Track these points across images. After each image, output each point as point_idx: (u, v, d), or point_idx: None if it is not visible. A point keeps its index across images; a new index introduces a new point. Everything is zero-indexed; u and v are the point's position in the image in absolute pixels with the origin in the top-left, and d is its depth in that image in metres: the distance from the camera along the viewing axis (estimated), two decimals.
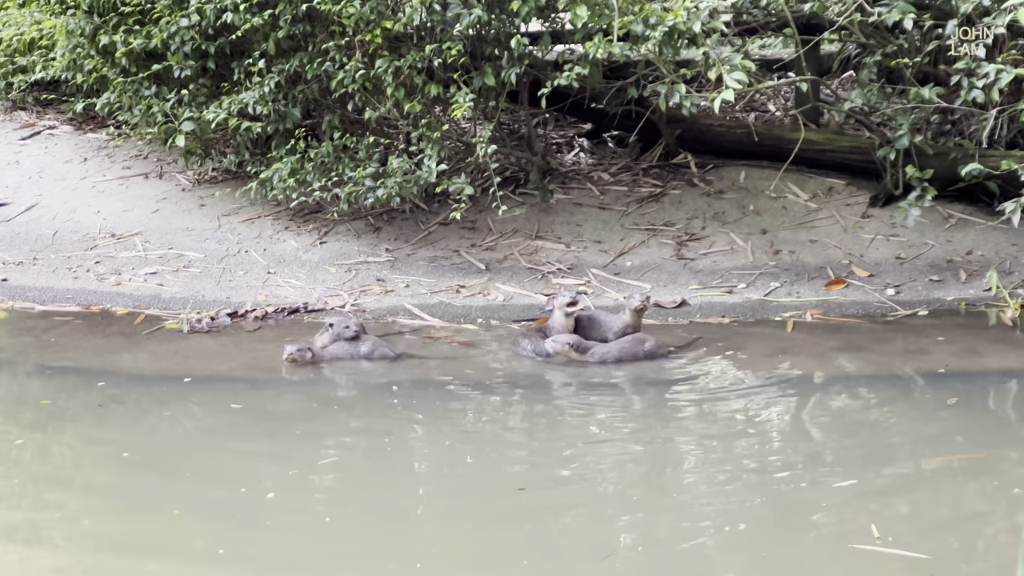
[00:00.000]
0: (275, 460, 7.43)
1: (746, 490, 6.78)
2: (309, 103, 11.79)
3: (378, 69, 10.61)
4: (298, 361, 9.03)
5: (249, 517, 6.56)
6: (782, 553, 6.04)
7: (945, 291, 10.29)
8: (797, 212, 11.58)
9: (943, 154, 10.65)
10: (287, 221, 11.95)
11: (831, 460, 7.20)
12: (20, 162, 13.93)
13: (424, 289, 10.69)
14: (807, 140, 10.98)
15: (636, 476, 7.07)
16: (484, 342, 9.67)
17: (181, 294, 10.85)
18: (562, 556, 6.07)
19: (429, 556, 6.11)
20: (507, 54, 10.62)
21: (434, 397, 8.46)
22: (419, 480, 7.18)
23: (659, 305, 10.21)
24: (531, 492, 6.77)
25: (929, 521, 6.40)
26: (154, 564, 6.08)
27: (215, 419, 8.21)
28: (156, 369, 9.18)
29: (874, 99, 10.68)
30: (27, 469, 7.43)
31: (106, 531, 6.53)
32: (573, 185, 12.30)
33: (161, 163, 13.42)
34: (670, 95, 9.63)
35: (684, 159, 12.48)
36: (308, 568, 6.01)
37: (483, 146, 10.21)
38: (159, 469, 7.29)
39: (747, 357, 9.12)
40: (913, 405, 8.26)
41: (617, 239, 11.36)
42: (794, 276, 10.63)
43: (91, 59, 12.32)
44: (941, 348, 9.14)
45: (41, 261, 11.76)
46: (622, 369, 8.92)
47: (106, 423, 8.13)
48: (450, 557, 6.11)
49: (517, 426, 8.01)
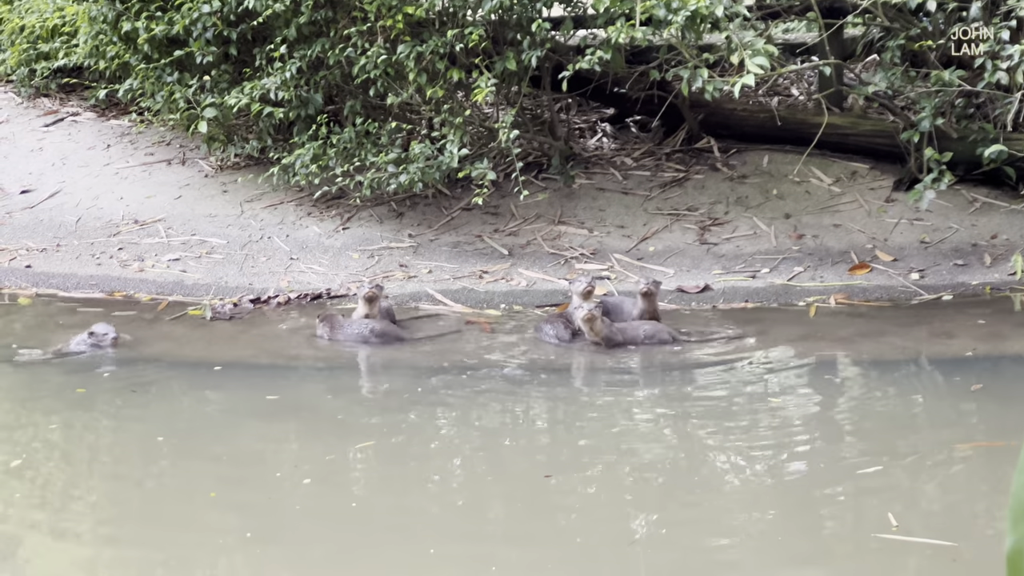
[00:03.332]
0: (309, 445, 7.47)
1: (769, 476, 6.77)
2: (331, 89, 11.80)
3: (400, 55, 10.61)
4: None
5: (286, 501, 6.59)
6: (804, 541, 6.02)
7: (970, 275, 10.25)
8: (820, 196, 11.54)
9: (967, 137, 10.59)
10: (309, 207, 11.95)
11: (854, 446, 7.18)
12: (43, 149, 13.97)
13: (447, 275, 10.68)
14: (830, 124, 10.93)
15: (659, 462, 7.07)
16: (509, 328, 9.67)
17: (204, 280, 10.87)
18: (587, 542, 6.06)
19: (456, 541, 6.12)
20: (528, 39, 10.60)
21: (460, 383, 8.46)
22: (447, 467, 7.18)
23: (682, 290, 10.20)
24: (557, 479, 6.76)
25: (953, 508, 6.38)
26: (189, 539, 6.13)
27: (245, 404, 8.22)
28: (182, 355, 9.20)
29: (898, 82, 10.63)
30: (63, 451, 7.48)
31: (144, 511, 6.59)
32: (596, 170, 12.28)
33: (184, 149, 13.44)
34: (693, 80, 9.59)
35: (707, 144, 12.44)
36: (342, 551, 6.02)
37: (505, 131, 10.21)
38: (194, 453, 7.34)
39: (770, 342, 9.10)
40: (937, 390, 8.24)
41: (640, 224, 11.34)
42: (817, 261, 10.60)
43: (113, 45, 12.34)
44: (966, 333, 9.09)
45: (65, 248, 11.80)
46: (644, 354, 8.91)
47: (139, 408, 8.15)
48: (476, 542, 6.10)
49: (542, 412, 8.01)
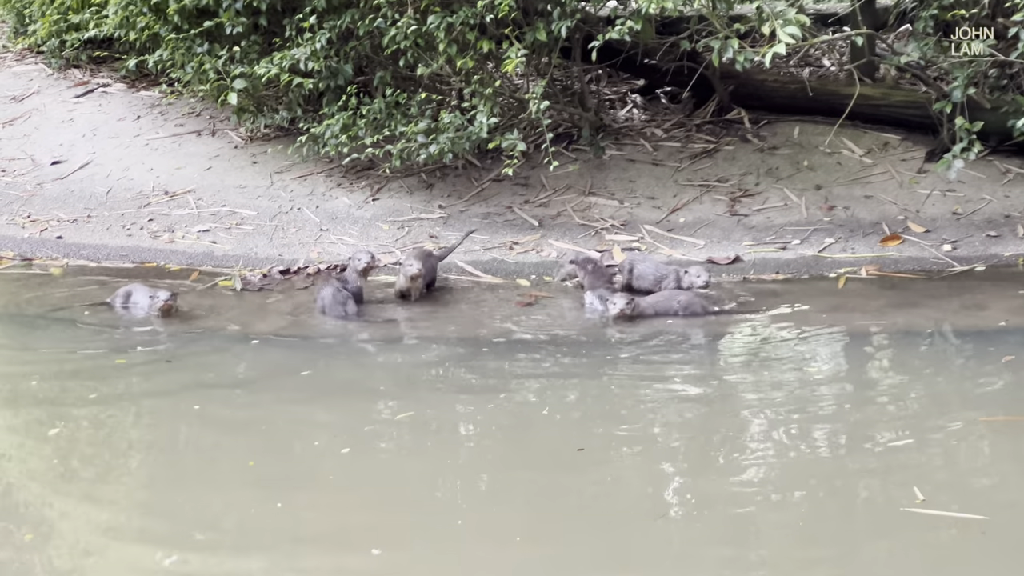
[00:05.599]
0: (345, 415, 7.47)
1: (798, 449, 6.75)
2: (361, 59, 11.77)
3: (430, 25, 10.57)
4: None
5: (326, 470, 6.66)
6: (833, 516, 6.02)
7: (1002, 246, 10.20)
8: (852, 168, 11.48)
9: (1000, 108, 10.51)
10: (339, 178, 11.95)
11: (885, 418, 7.14)
12: (74, 120, 14.00)
13: (477, 246, 10.67)
14: (862, 95, 10.87)
15: (690, 436, 7.05)
16: (550, 299, 9.68)
17: (234, 251, 10.89)
18: (616, 516, 6.06)
19: (488, 513, 6.15)
20: (559, 9, 10.55)
21: (492, 354, 8.49)
22: (481, 438, 7.20)
23: (712, 261, 10.17)
24: (588, 450, 6.77)
25: (983, 481, 6.36)
26: (225, 507, 6.22)
27: (281, 375, 8.23)
28: (216, 326, 9.24)
29: (930, 53, 10.55)
30: (100, 420, 7.52)
31: (181, 480, 6.66)
32: (626, 141, 12.24)
33: (214, 120, 13.45)
34: (723, 50, 9.54)
35: (737, 115, 12.39)
36: (376, 523, 6.06)
37: (536, 102, 10.17)
38: (230, 423, 7.39)
39: (801, 314, 9.07)
40: (969, 362, 8.20)
41: (670, 195, 11.31)
42: (849, 232, 10.55)
43: (143, 16, 12.33)
44: (998, 304, 9.04)
45: (95, 219, 11.83)
46: (677, 325, 8.90)
47: (175, 378, 8.18)
48: (506, 515, 6.12)
49: (574, 384, 7.97)
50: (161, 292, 9.36)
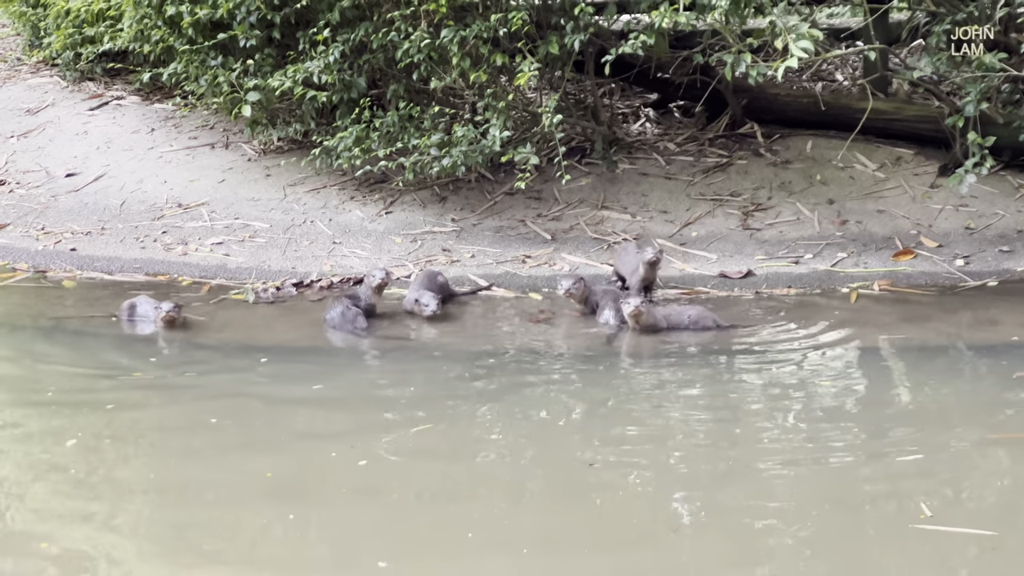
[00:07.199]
0: (362, 428, 7.47)
1: (809, 464, 6.74)
2: (374, 72, 11.80)
3: (443, 39, 10.60)
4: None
5: (344, 481, 6.68)
6: (844, 530, 6.00)
7: (1015, 262, 10.20)
8: (864, 182, 11.48)
9: (1012, 123, 10.51)
10: (352, 191, 11.97)
11: (896, 433, 7.13)
12: (88, 132, 14.04)
13: (490, 259, 10.69)
14: (875, 109, 10.89)
15: (702, 449, 7.04)
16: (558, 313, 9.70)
17: (247, 264, 10.92)
18: (628, 530, 6.07)
19: (500, 526, 6.15)
20: (572, 23, 10.58)
21: (506, 367, 8.51)
22: (495, 449, 7.19)
23: (725, 275, 10.18)
24: (601, 464, 6.78)
25: (995, 497, 6.36)
26: (238, 516, 6.20)
27: (296, 388, 8.22)
28: (229, 339, 9.26)
29: (943, 67, 10.56)
30: (117, 433, 7.50)
31: (197, 492, 6.67)
32: (639, 155, 12.26)
33: (227, 133, 13.48)
34: (736, 64, 9.56)
35: (750, 129, 12.40)
36: (388, 533, 6.08)
37: (549, 116, 10.19)
38: (247, 435, 7.40)
39: (813, 328, 9.07)
40: (981, 378, 8.19)
41: (683, 209, 11.32)
42: (861, 247, 10.56)
43: (158, 29, 12.36)
44: (1010, 319, 9.05)
45: (109, 231, 11.86)
46: (688, 339, 8.90)
47: (190, 391, 8.18)
48: (518, 528, 6.13)
49: (587, 397, 7.97)
50: (165, 304, 9.40)
